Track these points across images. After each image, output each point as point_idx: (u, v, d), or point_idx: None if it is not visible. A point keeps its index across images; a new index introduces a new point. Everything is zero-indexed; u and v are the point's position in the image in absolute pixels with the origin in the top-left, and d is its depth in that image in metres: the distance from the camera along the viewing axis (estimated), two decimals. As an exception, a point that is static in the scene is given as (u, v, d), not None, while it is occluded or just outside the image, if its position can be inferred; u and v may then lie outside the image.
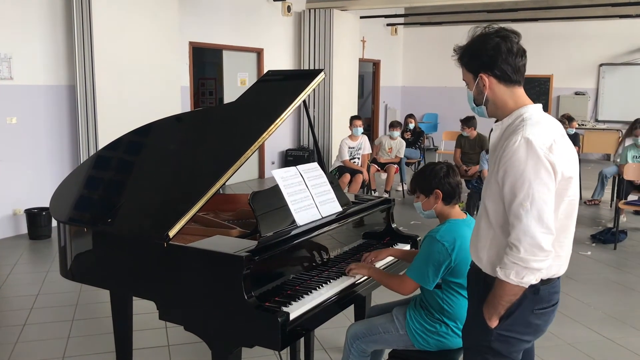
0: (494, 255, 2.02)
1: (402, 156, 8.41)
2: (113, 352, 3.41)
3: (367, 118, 13.60)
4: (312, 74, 3.20)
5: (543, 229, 1.86)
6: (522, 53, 2.02)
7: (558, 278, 2.08)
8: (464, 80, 2.12)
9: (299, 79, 3.48)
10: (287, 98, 3.02)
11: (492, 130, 2.13)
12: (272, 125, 2.83)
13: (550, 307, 2.06)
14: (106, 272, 2.76)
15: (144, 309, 3.58)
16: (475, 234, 2.14)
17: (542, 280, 1.98)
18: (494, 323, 2.02)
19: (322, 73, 3.21)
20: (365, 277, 2.72)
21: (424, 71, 14.34)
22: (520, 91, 2.05)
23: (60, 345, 3.73)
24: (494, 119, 2.14)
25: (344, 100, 10.98)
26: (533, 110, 2.01)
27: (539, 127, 1.93)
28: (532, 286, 1.96)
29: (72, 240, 2.88)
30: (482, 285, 2.06)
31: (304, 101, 3.19)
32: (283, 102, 3.00)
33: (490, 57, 2.00)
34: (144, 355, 3.57)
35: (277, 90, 3.42)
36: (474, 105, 2.12)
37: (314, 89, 3.17)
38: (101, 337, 3.81)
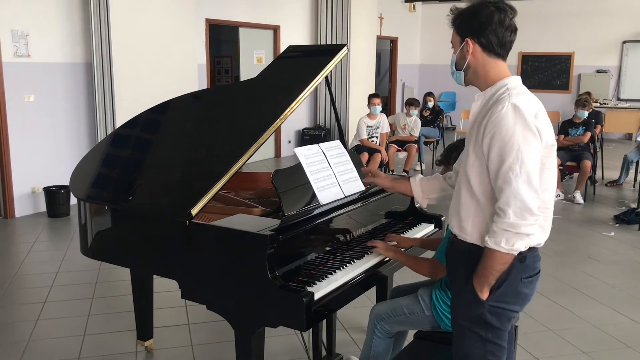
0: (481, 224, 2.02)
1: (417, 135, 8.27)
2: (134, 330, 3.42)
3: (384, 96, 13.45)
4: (334, 49, 3.12)
5: (532, 192, 1.87)
6: (513, 30, 2.03)
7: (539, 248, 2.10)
8: (451, 42, 2.14)
9: (320, 54, 3.40)
10: (309, 74, 2.95)
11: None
12: (295, 102, 2.76)
13: (535, 275, 2.08)
14: (127, 251, 2.73)
15: (163, 287, 3.57)
16: (456, 204, 2.12)
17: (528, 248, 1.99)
18: (485, 295, 2.00)
19: (345, 48, 3.13)
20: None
21: (443, 49, 13.91)
22: (503, 64, 2.06)
23: (81, 322, 3.73)
24: None
25: (361, 78, 10.84)
26: (516, 82, 2.03)
27: (524, 97, 1.97)
28: (519, 255, 1.96)
29: (92, 218, 2.85)
30: (469, 258, 2.05)
31: (326, 77, 3.11)
32: (305, 78, 2.93)
33: (480, 24, 2.01)
34: (164, 333, 3.56)
35: (298, 66, 3.34)
36: (454, 69, 2.13)
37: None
38: (121, 315, 3.81)
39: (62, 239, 5.57)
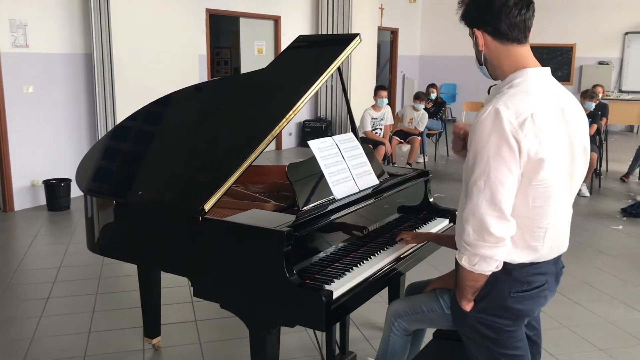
0: (459, 228, 1.88)
1: (423, 129, 8.17)
2: (140, 326, 3.34)
3: (384, 88, 13.33)
4: (346, 39, 3.04)
5: (494, 212, 1.69)
6: (524, 6, 1.80)
7: (546, 261, 1.89)
8: (469, 35, 1.92)
9: (332, 44, 3.30)
10: (321, 65, 2.87)
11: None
12: (308, 93, 2.68)
13: (532, 290, 1.88)
14: (136, 247, 2.64)
15: (170, 283, 3.49)
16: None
17: (515, 263, 1.83)
18: (466, 307, 1.90)
19: (358, 38, 3.05)
20: (408, 253, 2.60)
21: (443, 40, 13.99)
22: (519, 50, 1.83)
23: (85, 319, 3.65)
24: None
25: (362, 69, 10.73)
26: (530, 75, 1.80)
27: (520, 97, 1.73)
28: (504, 267, 1.82)
29: (99, 214, 2.75)
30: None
31: (339, 68, 3.03)
32: (317, 68, 2.85)
33: (481, 12, 1.82)
34: (172, 330, 3.48)
35: (309, 56, 3.25)
36: (478, 64, 1.94)
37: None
38: (127, 312, 3.73)
39: (63, 233, 5.48)
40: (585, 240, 5.29)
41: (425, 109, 8.90)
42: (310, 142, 2.62)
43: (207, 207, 2.28)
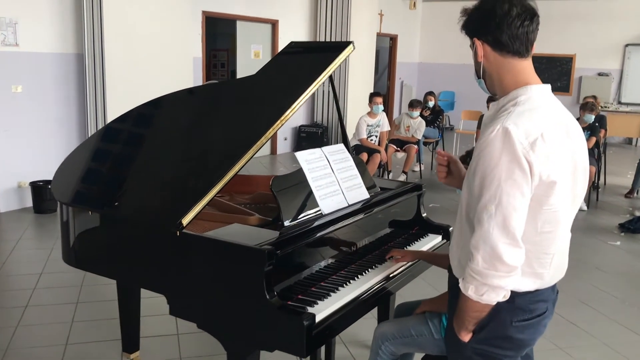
0: (460, 253, 1.79)
1: (420, 137, 8.06)
2: (119, 339, 3.21)
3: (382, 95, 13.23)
4: (339, 47, 2.92)
5: (507, 239, 1.57)
6: (528, 17, 1.68)
7: (546, 288, 1.81)
8: (470, 46, 1.81)
9: (324, 51, 3.19)
10: (312, 72, 2.74)
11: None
12: (297, 102, 2.56)
13: (534, 319, 1.79)
14: (112, 262, 2.51)
15: (150, 294, 3.34)
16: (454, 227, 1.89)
17: (519, 292, 1.73)
18: (465, 338, 1.79)
19: (351, 45, 2.93)
20: (398, 272, 2.48)
21: (442, 47, 13.89)
22: (521, 65, 1.72)
23: (63, 329, 3.52)
24: None
25: (360, 76, 10.62)
26: (534, 93, 1.69)
27: (529, 116, 1.62)
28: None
29: (75, 224, 2.63)
30: (454, 289, 1.79)
31: (330, 76, 2.91)
32: (308, 76, 2.72)
33: (482, 21, 1.71)
34: (152, 344, 3.35)
35: (301, 63, 3.13)
36: (476, 77, 1.83)
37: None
38: (107, 323, 3.60)
39: (48, 236, 5.34)
40: (582, 256, 5.17)
41: (423, 116, 8.81)
42: (298, 154, 2.50)
43: (185, 221, 2.15)
